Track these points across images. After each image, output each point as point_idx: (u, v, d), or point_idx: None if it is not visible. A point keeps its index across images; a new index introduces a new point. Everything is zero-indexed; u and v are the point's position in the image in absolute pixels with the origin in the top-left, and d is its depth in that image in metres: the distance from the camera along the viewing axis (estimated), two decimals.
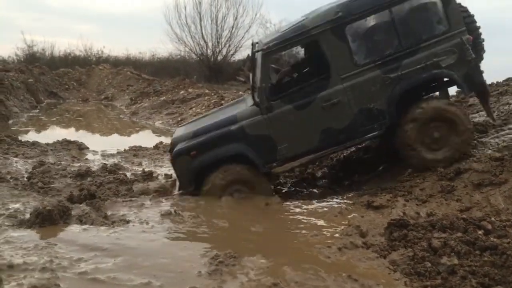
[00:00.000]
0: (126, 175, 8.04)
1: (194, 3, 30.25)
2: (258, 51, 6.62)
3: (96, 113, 21.25)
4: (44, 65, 25.61)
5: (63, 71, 25.72)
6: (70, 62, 29.05)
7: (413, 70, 6.38)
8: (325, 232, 5.40)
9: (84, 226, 5.48)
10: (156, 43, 57.23)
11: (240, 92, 18.39)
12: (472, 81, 6.49)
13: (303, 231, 5.49)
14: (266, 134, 6.55)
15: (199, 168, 6.63)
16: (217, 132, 6.66)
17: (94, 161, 9.94)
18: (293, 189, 7.70)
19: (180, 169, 6.76)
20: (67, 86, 24.81)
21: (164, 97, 19.78)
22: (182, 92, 19.68)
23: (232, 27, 29.84)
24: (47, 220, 5.44)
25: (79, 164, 9.23)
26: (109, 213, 5.95)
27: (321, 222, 5.78)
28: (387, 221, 5.26)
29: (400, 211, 5.41)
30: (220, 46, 29.99)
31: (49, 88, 23.49)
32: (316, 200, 6.75)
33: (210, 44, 29.97)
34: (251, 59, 7.21)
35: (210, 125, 6.86)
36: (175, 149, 6.83)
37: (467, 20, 6.59)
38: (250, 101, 6.92)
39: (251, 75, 7.17)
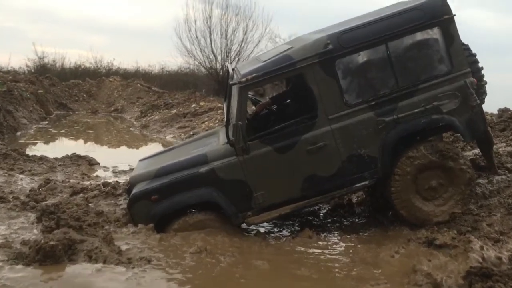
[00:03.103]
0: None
1: (204, 17, 29.16)
2: (235, 84, 5.44)
3: (105, 125, 20.18)
4: (54, 76, 24.52)
5: (73, 82, 24.67)
6: (80, 73, 28.02)
7: (411, 114, 5.37)
8: (384, 281, 4.28)
9: (96, 266, 4.38)
10: (165, 56, 56.20)
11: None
12: (475, 128, 5.48)
13: (357, 278, 4.40)
14: (241, 179, 5.43)
15: (161, 216, 5.48)
16: (184, 173, 5.52)
17: (106, 178, 8.83)
18: (329, 219, 6.54)
19: (139, 215, 5.53)
20: (76, 98, 23.73)
21: (175, 110, 18.68)
22: (193, 105, 18.59)
23: (242, 41, 28.83)
24: (50, 258, 4.35)
25: (89, 182, 8.12)
26: (123, 247, 4.83)
27: (375, 266, 4.66)
28: (463, 268, 4.15)
29: (478, 256, 4.28)
30: (229, 60, 28.92)
31: (59, 99, 22.38)
32: (356, 234, 5.64)
33: (219, 58, 28.93)
34: (226, 87, 6.03)
35: (176, 163, 5.72)
36: (133, 192, 5.67)
37: (469, 60, 5.55)
38: (223, 137, 5.73)
39: (225, 106, 5.98)
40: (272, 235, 6.04)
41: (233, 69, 6.00)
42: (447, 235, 4.99)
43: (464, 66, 5.44)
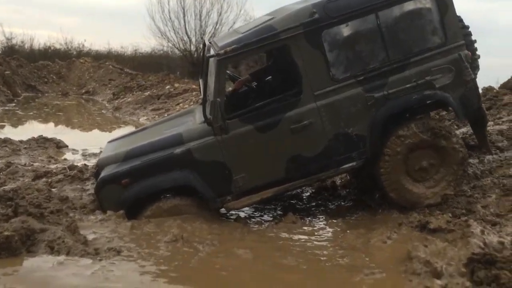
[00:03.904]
0: None
1: None
2: (212, 56, 4.96)
3: (76, 107, 19.41)
4: (23, 58, 23.47)
5: (42, 63, 23.61)
6: (50, 55, 26.88)
7: (402, 90, 4.97)
8: (378, 269, 3.87)
9: (58, 258, 3.87)
10: (138, 37, 54.73)
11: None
12: (469, 105, 5.11)
13: (348, 267, 3.99)
14: (219, 160, 4.98)
15: (131, 201, 4.98)
16: (157, 155, 5.03)
17: (74, 161, 8.23)
18: (313, 203, 6.10)
19: (108, 200, 5.01)
20: (46, 80, 22.71)
21: (148, 92, 17.97)
22: (167, 87, 17.91)
23: (216, 23, 28.11)
24: (5, 250, 3.83)
25: (55, 166, 7.53)
26: (90, 237, 4.32)
27: (366, 253, 4.26)
28: (464, 255, 3.77)
29: (479, 241, 3.90)
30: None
31: (27, 81, 21.40)
32: (343, 219, 5.23)
33: (193, 39, 28.18)
34: (202, 63, 5.52)
35: (148, 144, 5.22)
36: (101, 176, 5.14)
37: (463, 32, 5.16)
38: (199, 115, 5.28)
39: (201, 83, 5.49)
40: (254, 220, 5.63)
41: (210, 43, 5.50)
42: (441, 219, 4.60)
43: (458, 38, 5.07)
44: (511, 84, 8.35)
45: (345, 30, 5.04)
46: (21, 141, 9.45)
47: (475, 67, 5.33)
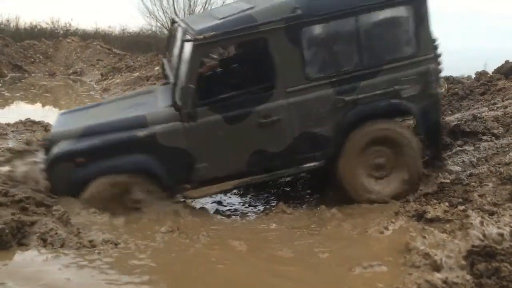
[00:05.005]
0: None
1: None
2: (189, 40, 4.79)
3: (64, 88, 19.08)
4: (8, 37, 22.95)
5: (29, 43, 23.05)
6: (36, 34, 26.19)
7: (371, 96, 4.97)
8: (377, 261, 3.82)
9: (53, 251, 3.77)
10: (126, 17, 53.90)
11: None
12: (430, 119, 5.16)
13: (345, 259, 3.93)
14: (183, 147, 4.85)
15: (84, 181, 4.70)
16: (118, 135, 4.80)
17: None
18: (308, 191, 6.01)
19: (57, 178, 4.72)
20: (32, 60, 22.22)
21: (137, 73, 17.70)
22: (157, 68, 17.65)
23: (206, 3, 27.64)
24: None
25: None
26: (82, 228, 4.21)
27: (364, 244, 4.22)
28: (464, 247, 3.73)
29: (478, 233, 3.86)
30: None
31: (13, 61, 20.92)
32: (338, 207, 5.13)
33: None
34: (168, 41, 5.45)
35: (109, 123, 4.99)
36: (54, 152, 4.82)
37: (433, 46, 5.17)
38: (163, 98, 5.18)
39: (166, 63, 5.39)
40: (245, 210, 5.56)
41: (183, 22, 5.35)
42: (438, 208, 4.56)
43: (430, 50, 5.08)
44: (505, 69, 8.30)
45: (324, 30, 5.01)
46: (8, 124, 9.24)
47: (439, 81, 5.38)
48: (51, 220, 4.13)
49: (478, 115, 6.37)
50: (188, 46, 4.85)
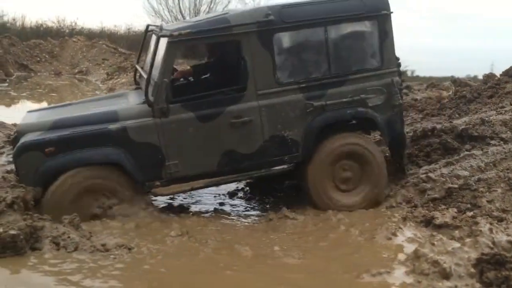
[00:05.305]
0: None
1: None
2: (164, 36, 4.89)
3: (69, 88, 19.12)
4: (14, 36, 23.03)
5: (35, 42, 23.14)
6: (42, 33, 26.33)
7: (338, 103, 5.23)
8: (385, 269, 3.83)
9: (67, 254, 3.83)
10: (131, 16, 53.94)
11: None
12: (394, 129, 5.46)
13: (353, 266, 3.95)
14: (154, 143, 4.89)
15: (54, 172, 4.69)
16: (89, 128, 4.81)
17: None
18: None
19: (26, 168, 4.69)
20: (38, 59, 22.31)
21: None
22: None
23: (211, 2, 27.83)
24: (10, 249, 3.74)
25: None
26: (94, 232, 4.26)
27: (371, 251, 4.23)
28: (473, 255, 3.76)
29: (488, 240, 3.89)
30: (187, 19, 27.88)
31: (20, 60, 21.02)
32: (345, 212, 5.18)
33: (188, 18, 27.91)
34: (142, 46, 5.86)
35: (79, 117, 5.02)
36: (22, 140, 4.79)
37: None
38: (134, 98, 5.32)
39: (138, 68, 5.65)
40: (248, 212, 5.60)
41: (155, 27, 5.46)
42: (446, 214, 4.59)
43: (393, 64, 5.40)
44: None
45: (295, 38, 5.22)
46: (14, 125, 9.28)
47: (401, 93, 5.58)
48: (62, 224, 4.17)
49: (486, 119, 6.36)
50: (163, 42, 4.96)
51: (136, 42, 27.06)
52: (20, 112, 12.01)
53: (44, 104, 14.65)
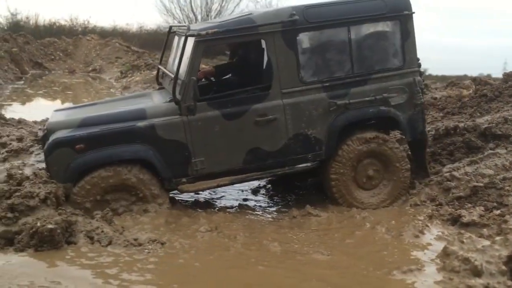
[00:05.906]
0: None
1: None
2: (192, 35, 4.97)
3: (83, 85, 19.25)
4: (28, 34, 23.25)
5: (49, 40, 23.40)
6: (55, 31, 26.59)
7: (361, 102, 5.32)
8: (416, 266, 3.88)
9: (102, 248, 3.92)
10: (143, 14, 54.23)
11: None
12: (415, 127, 5.55)
13: (382, 263, 3.98)
14: (181, 141, 4.97)
15: (84, 168, 4.78)
16: (118, 125, 4.90)
17: None
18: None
19: (57, 165, 4.76)
20: (53, 57, 22.56)
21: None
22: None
23: (222, 1, 27.94)
24: (47, 243, 3.84)
25: None
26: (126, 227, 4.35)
27: (399, 249, 4.27)
28: (503, 252, 3.79)
29: None
30: (209, 20, 27.95)
31: (34, 58, 21.27)
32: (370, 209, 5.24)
33: (199, 17, 27.98)
34: (164, 46, 6.07)
35: (107, 115, 5.11)
36: (53, 137, 4.86)
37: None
38: (159, 98, 5.42)
39: (161, 67, 5.81)
40: (270, 208, 5.67)
41: (186, 28, 5.39)
42: (474, 212, 4.64)
43: (414, 64, 5.49)
44: None
45: (319, 37, 5.30)
46: (35, 122, 9.42)
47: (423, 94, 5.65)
48: (95, 219, 4.26)
49: (509, 117, 6.38)
50: (190, 42, 5.05)
51: (148, 41, 27.28)
52: (37, 110, 12.25)
53: (60, 102, 14.81)
